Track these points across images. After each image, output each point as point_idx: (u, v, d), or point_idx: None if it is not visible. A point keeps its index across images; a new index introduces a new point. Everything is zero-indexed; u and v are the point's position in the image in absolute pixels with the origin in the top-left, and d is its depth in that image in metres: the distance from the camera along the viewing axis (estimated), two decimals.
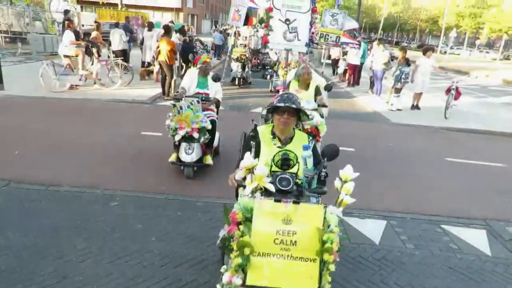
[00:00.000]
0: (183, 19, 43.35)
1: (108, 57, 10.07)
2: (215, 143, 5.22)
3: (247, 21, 12.99)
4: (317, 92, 5.18)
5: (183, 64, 11.41)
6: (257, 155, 2.42)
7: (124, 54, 11.59)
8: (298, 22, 5.64)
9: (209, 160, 4.92)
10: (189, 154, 4.67)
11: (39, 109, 7.77)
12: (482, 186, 5.45)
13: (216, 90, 5.13)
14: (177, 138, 4.63)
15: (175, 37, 10.68)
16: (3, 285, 2.73)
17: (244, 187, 2.16)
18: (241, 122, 7.59)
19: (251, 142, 2.46)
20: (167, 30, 9.54)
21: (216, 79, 5.05)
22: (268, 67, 15.07)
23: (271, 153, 2.36)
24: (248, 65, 12.53)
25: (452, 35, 34.47)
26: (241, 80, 12.05)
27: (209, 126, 4.75)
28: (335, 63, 16.24)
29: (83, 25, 22.36)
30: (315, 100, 5.11)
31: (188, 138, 4.64)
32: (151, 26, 12.37)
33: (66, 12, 12.61)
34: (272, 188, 2.07)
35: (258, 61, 16.11)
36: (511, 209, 4.72)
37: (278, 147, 2.48)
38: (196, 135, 4.61)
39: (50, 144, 5.69)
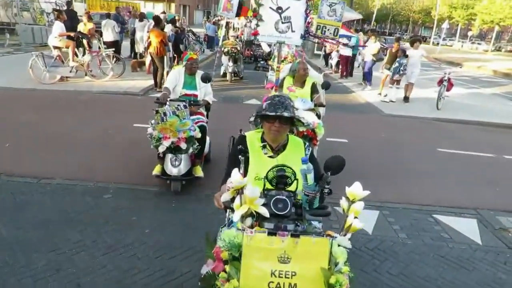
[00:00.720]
0: (174, 10, 42.84)
1: (99, 48, 9.94)
2: (206, 150, 4.70)
3: (239, 12, 12.62)
4: (314, 90, 4.74)
5: (175, 55, 11.30)
6: (246, 168, 2.11)
7: (115, 45, 11.44)
8: (292, 11, 4.91)
9: (199, 172, 4.37)
10: (176, 167, 4.10)
11: (29, 101, 7.66)
12: (473, 176, 5.52)
13: (206, 91, 4.58)
14: (161, 149, 4.03)
15: (168, 28, 10.57)
16: None
17: (232, 209, 1.77)
18: (234, 115, 7.58)
19: (239, 156, 2.10)
20: (157, 21, 9.43)
21: (206, 79, 4.41)
22: (261, 59, 14.76)
23: (262, 165, 2.04)
24: (240, 59, 11.72)
25: (445, 27, 34.50)
26: (232, 74, 11.43)
27: (199, 135, 4.16)
28: (328, 55, 16.21)
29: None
30: (312, 99, 4.64)
31: (174, 149, 4.04)
32: (142, 17, 12.24)
33: (68, 3, 12.36)
34: (266, 213, 1.69)
35: (251, 52, 15.78)
36: (501, 199, 4.79)
37: (270, 156, 2.14)
38: (183, 145, 4.02)
39: (41, 137, 5.62)
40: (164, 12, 14.99)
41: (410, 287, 3.00)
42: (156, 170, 4.26)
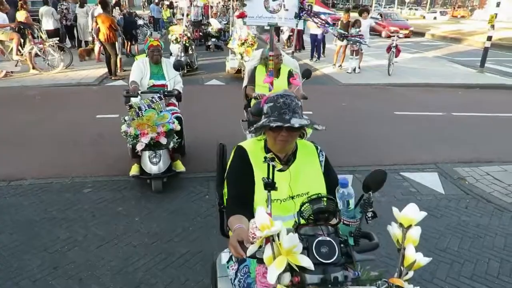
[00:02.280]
0: None
1: (40, 38, 9.28)
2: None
3: None
4: (290, 78, 4.16)
5: (127, 41, 10.85)
6: (248, 182, 1.72)
7: (57, 34, 10.73)
8: None
9: (180, 166, 4.13)
10: (156, 164, 3.82)
11: None
12: (428, 134, 6.00)
13: (176, 80, 4.28)
14: (140, 147, 3.69)
15: (116, 12, 10.08)
16: None
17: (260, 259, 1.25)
18: (198, 96, 7.54)
19: (245, 185, 1.70)
20: (104, 5, 8.91)
21: (178, 67, 4.05)
22: (210, 36, 13.99)
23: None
24: (192, 47, 10.02)
25: None
26: (185, 67, 9.97)
27: (178, 127, 3.91)
28: (278, 29, 16.28)
29: None
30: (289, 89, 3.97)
31: (153, 145, 3.76)
32: (83, 2, 11.52)
33: None
34: (311, 266, 1.18)
35: (201, 33, 14.93)
36: (456, 152, 5.28)
37: (280, 170, 1.72)
38: (163, 140, 3.74)
39: None
40: None
41: (389, 236, 3.30)
42: (134, 170, 3.92)
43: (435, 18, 40.13)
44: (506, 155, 5.19)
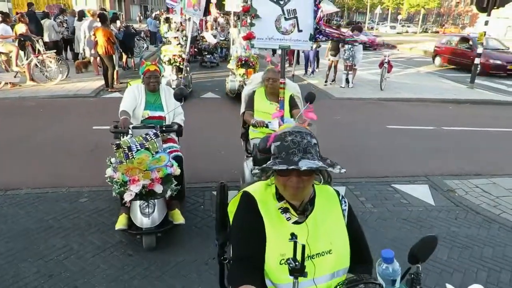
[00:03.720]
0: (109, 5, 40.83)
1: (38, 51, 9.37)
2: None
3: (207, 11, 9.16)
4: (292, 103, 3.77)
5: (123, 53, 10.98)
6: (258, 241, 1.41)
7: (56, 47, 10.85)
8: (297, 1, 3.35)
9: (179, 217, 3.30)
10: (148, 216, 3.05)
11: None
12: (420, 148, 6.13)
13: (176, 111, 3.60)
14: (128, 197, 2.92)
15: (116, 26, 10.24)
16: None
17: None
18: (193, 108, 7.65)
19: (254, 244, 1.40)
20: (103, 19, 9.08)
21: (181, 97, 3.33)
22: (206, 52, 13.44)
23: (286, 238, 1.33)
24: (187, 68, 8.96)
25: (377, 12, 36.62)
26: None
27: (178, 171, 3.15)
28: None
29: None
30: (291, 116, 3.63)
31: (145, 195, 2.97)
32: (81, 16, 11.68)
33: (30, 4, 11.37)
34: None
35: (196, 49, 13.97)
36: (445, 165, 5.40)
37: (295, 222, 1.43)
38: (159, 188, 2.96)
39: None
40: (104, 9, 14.35)
41: (381, 248, 3.37)
42: (120, 223, 3.13)
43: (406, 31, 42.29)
44: (495, 168, 5.33)
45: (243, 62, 8.28)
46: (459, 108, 9.22)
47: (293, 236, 1.24)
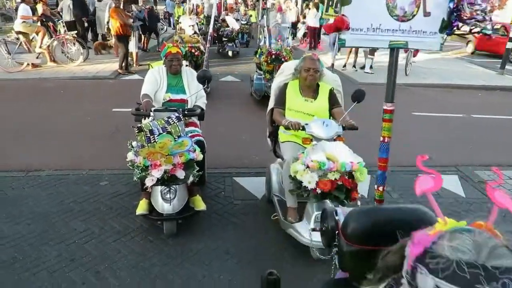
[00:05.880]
0: None
1: (59, 31, 9.36)
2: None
3: None
4: (333, 100, 3.28)
5: (144, 35, 10.85)
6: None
7: (76, 27, 10.81)
8: None
9: (200, 204, 3.24)
10: (170, 202, 2.98)
11: None
12: (448, 136, 5.87)
13: (198, 94, 3.49)
14: (150, 182, 2.84)
15: (134, 7, 10.11)
16: (9, 274, 2.65)
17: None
18: (213, 92, 7.52)
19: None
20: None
21: (204, 79, 3.26)
22: (226, 39, 11.49)
23: None
24: (204, 59, 7.42)
25: None
26: None
27: (200, 157, 3.02)
28: (293, 26, 16.10)
29: None
30: (330, 116, 3.19)
31: (167, 180, 2.87)
32: None
33: None
34: None
35: (215, 34, 11.46)
36: (476, 155, 5.15)
37: None
38: (181, 174, 2.85)
39: (17, 129, 5.36)
40: None
41: None
42: (141, 208, 3.11)
43: None
44: None
45: (273, 56, 6.71)
46: (489, 95, 8.80)
47: None
